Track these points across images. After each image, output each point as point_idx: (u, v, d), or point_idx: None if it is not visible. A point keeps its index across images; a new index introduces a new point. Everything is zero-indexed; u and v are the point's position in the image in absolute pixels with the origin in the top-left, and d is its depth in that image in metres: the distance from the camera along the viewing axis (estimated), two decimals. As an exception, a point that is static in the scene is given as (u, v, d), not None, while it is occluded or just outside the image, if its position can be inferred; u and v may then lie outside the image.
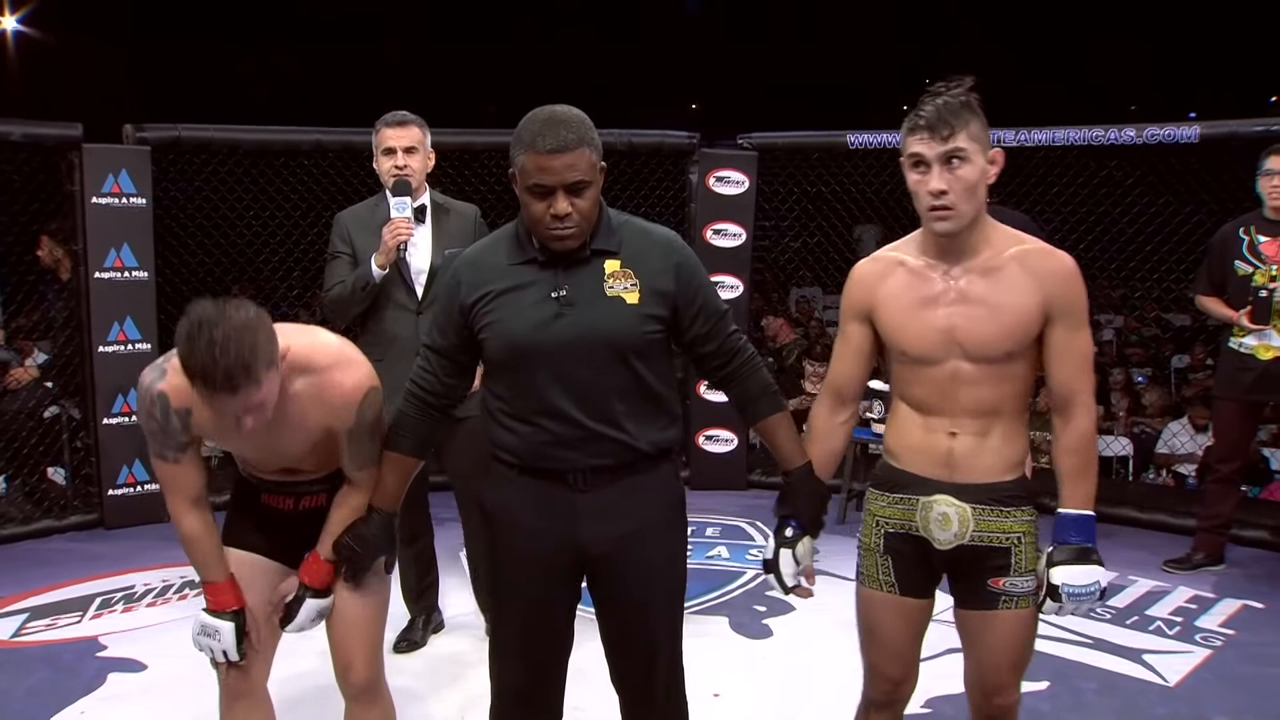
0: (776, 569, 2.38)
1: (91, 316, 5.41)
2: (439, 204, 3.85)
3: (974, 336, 2.23)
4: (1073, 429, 2.29)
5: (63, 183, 5.42)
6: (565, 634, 2.39)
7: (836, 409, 2.45)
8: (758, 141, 6.21)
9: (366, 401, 2.36)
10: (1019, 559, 2.30)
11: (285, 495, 2.52)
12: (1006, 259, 2.24)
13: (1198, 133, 5.25)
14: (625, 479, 2.27)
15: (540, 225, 2.16)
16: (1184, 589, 4.64)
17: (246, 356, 2.02)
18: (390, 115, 3.77)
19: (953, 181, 2.15)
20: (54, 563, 5.01)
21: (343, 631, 2.51)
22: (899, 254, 2.34)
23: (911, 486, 2.34)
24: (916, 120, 2.18)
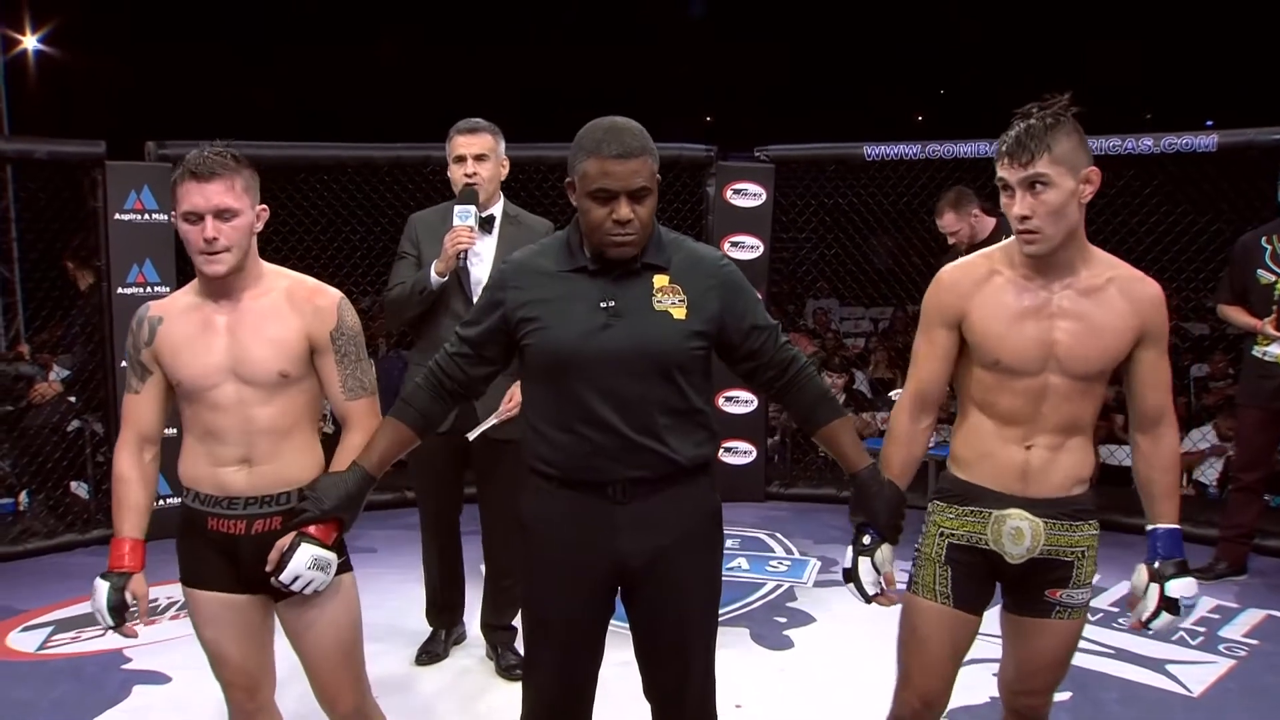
0: (856, 577, 2.35)
1: (114, 332, 5.45)
2: (510, 215, 3.79)
3: (1074, 352, 2.26)
4: (1165, 446, 2.36)
5: (85, 199, 5.48)
6: (599, 647, 2.39)
7: (919, 414, 2.44)
8: (774, 154, 6.23)
9: (344, 305, 2.42)
10: (1080, 572, 2.34)
11: (235, 519, 2.37)
12: (1104, 281, 2.28)
13: (1215, 141, 5.24)
14: (664, 491, 2.27)
15: (600, 231, 2.17)
16: (1206, 599, 4.60)
17: (229, 162, 2.27)
18: (463, 122, 3.74)
19: (1036, 206, 2.18)
20: (77, 576, 5.04)
21: (318, 665, 2.45)
22: (992, 263, 2.36)
23: (983, 500, 2.34)
24: (1002, 144, 2.22)
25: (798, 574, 5.02)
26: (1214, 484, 6.66)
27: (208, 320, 2.36)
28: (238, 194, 2.29)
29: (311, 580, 2.28)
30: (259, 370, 2.34)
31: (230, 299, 2.37)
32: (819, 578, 4.97)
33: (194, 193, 2.26)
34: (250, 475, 2.37)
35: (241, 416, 2.35)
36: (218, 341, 2.35)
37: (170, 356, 2.37)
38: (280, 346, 2.35)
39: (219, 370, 2.34)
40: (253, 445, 2.36)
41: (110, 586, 2.36)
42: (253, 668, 2.46)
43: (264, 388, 2.35)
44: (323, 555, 2.28)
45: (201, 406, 2.36)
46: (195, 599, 2.43)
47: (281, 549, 2.28)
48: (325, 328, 2.39)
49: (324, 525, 2.30)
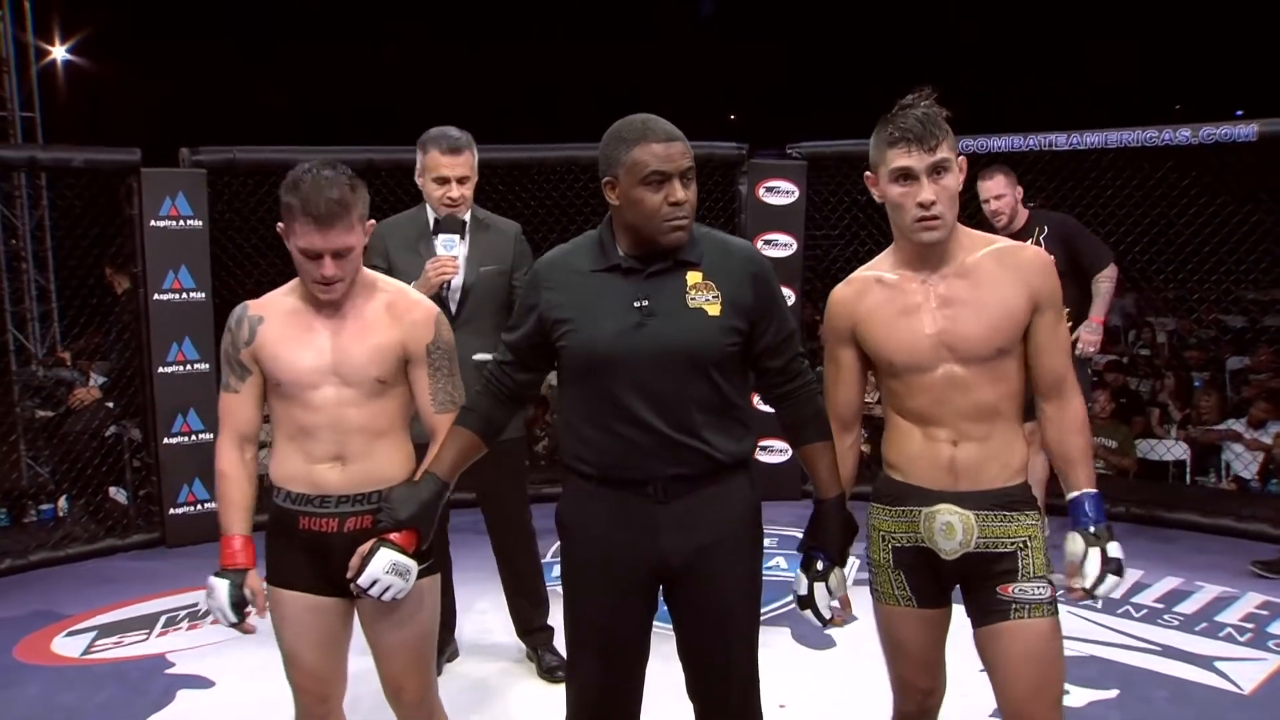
0: (812, 603, 2.36)
1: (151, 338, 5.49)
2: (479, 219, 3.71)
3: (962, 338, 2.23)
4: (1071, 412, 2.31)
5: (121, 207, 5.53)
6: (643, 646, 2.38)
7: (843, 434, 2.43)
8: (806, 151, 6.20)
9: (441, 322, 2.47)
10: (1027, 564, 2.26)
11: (328, 517, 2.40)
12: (981, 258, 2.26)
13: (1255, 131, 5.17)
14: (705, 489, 2.26)
15: (658, 218, 2.18)
16: (1253, 594, 4.55)
17: (346, 196, 2.27)
18: (442, 138, 3.56)
19: (939, 191, 2.19)
20: (119, 580, 5.09)
21: (388, 657, 2.49)
22: (873, 271, 2.36)
23: (913, 498, 2.32)
24: (901, 133, 2.19)
25: (837, 573, 4.97)
26: (1255, 478, 6.58)
27: (310, 324, 2.40)
28: (354, 230, 2.32)
29: (390, 585, 2.29)
30: (358, 374, 2.38)
31: (334, 306, 2.41)
32: (858, 575, 4.90)
33: (313, 235, 2.28)
34: (344, 473, 2.40)
35: (336, 416, 2.39)
36: (320, 344, 2.39)
37: (271, 357, 2.40)
38: (379, 354, 2.40)
39: (319, 372, 2.38)
40: (346, 444, 2.39)
41: (230, 584, 2.37)
42: (326, 674, 2.48)
43: (361, 390, 2.39)
44: (402, 561, 2.29)
45: (296, 406, 2.40)
46: (279, 599, 2.44)
47: (363, 554, 2.30)
48: (423, 340, 2.44)
49: (405, 533, 2.30)
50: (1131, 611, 4.33)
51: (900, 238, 2.30)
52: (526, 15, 19.10)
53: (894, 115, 2.22)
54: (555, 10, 19.22)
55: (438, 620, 2.56)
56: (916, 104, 2.22)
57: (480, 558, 3.92)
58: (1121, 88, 17.46)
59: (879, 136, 2.24)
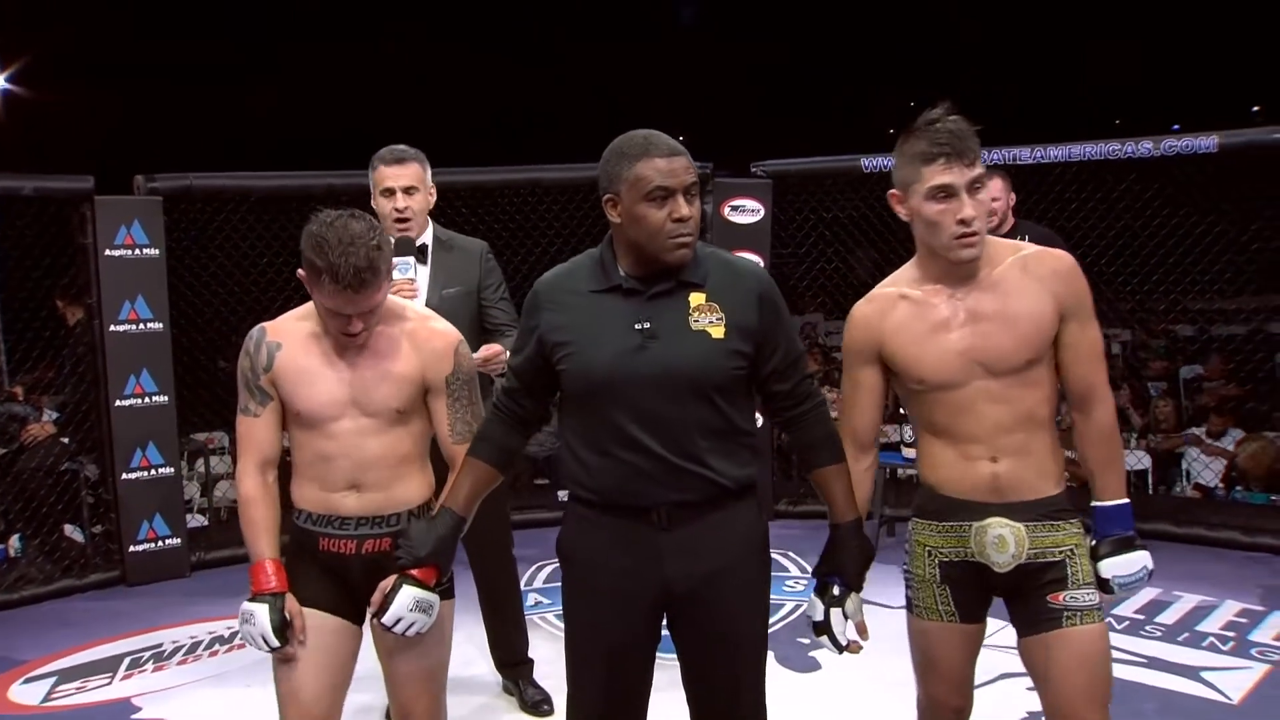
0: (828, 629, 2.30)
1: (108, 370, 5.34)
2: (441, 240, 3.61)
3: (993, 352, 2.20)
4: (1096, 421, 2.28)
5: (74, 236, 5.37)
6: (646, 676, 2.31)
7: (859, 456, 2.38)
8: (771, 169, 6.18)
9: (461, 351, 2.45)
10: (1075, 571, 2.23)
11: (346, 539, 2.41)
12: (1007, 268, 2.23)
13: (1216, 143, 5.22)
14: (709, 516, 2.20)
15: (662, 235, 2.11)
16: (1231, 602, 4.56)
17: (374, 257, 2.23)
18: (387, 152, 3.51)
19: (978, 207, 2.15)
20: (78, 623, 4.91)
21: (400, 685, 2.46)
22: (896, 288, 2.32)
23: (961, 513, 2.28)
24: (939, 149, 2.13)
25: (815, 593, 4.92)
26: (1220, 485, 6.62)
27: (328, 354, 2.39)
28: (381, 288, 2.29)
29: (414, 622, 2.30)
30: (379, 406, 2.38)
31: None
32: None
33: (341, 301, 2.26)
34: (360, 499, 2.40)
35: (354, 445, 2.38)
36: (339, 375, 2.38)
37: (290, 385, 2.40)
38: (399, 384, 2.39)
39: (339, 404, 2.37)
40: (363, 473, 2.39)
41: (270, 607, 2.33)
42: (324, 696, 2.40)
43: (380, 421, 2.39)
44: (425, 597, 2.30)
45: (315, 434, 2.40)
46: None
47: (385, 590, 2.30)
48: (443, 371, 2.43)
49: (425, 569, 2.30)
50: (1114, 624, 4.32)
51: (926, 254, 2.25)
52: (490, 38, 19.06)
53: (923, 130, 2.17)
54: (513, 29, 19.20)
55: (449, 648, 2.56)
56: (943, 117, 2.17)
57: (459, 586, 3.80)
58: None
59: (908, 152, 2.18)
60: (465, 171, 6.08)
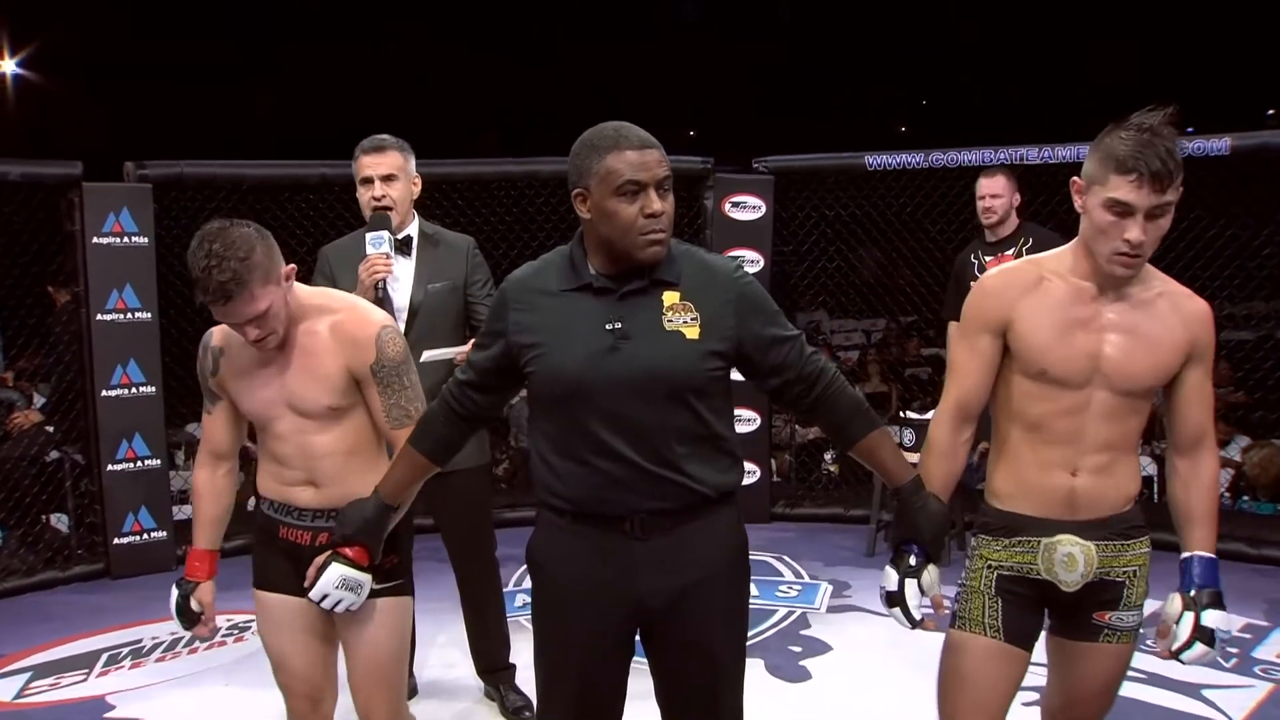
0: (902, 601, 2.20)
1: (94, 359, 5.25)
2: (427, 234, 3.54)
3: (1124, 367, 2.14)
4: (1205, 469, 2.25)
5: (62, 223, 5.29)
6: (619, 690, 2.22)
7: (961, 426, 2.29)
8: (773, 165, 6.08)
9: (384, 337, 2.42)
10: (1130, 594, 2.22)
11: (302, 530, 2.46)
12: (1155, 295, 2.17)
13: (1229, 145, 5.11)
14: (687, 525, 2.10)
15: (633, 231, 2.01)
16: (1235, 617, 4.44)
17: (239, 269, 2.20)
18: (368, 141, 3.46)
19: (1151, 231, 2.05)
20: (58, 617, 4.83)
21: (360, 678, 2.49)
22: (1040, 270, 2.22)
23: (1030, 528, 2.21)
24: (1135, 165, 1.99)
25: (810, 599, 4.83)
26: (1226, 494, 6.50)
27: (264, 358, 2.41)
28: (259, 296, 2.26)
29: (341, 599, 2.31)
30: (310, 405, 2.40)
31: (283, 339, 2.41)
32: (831, 602, 4.79)
33: (220, 312, 2.28)
34: (316, 493, 2.45)
35: (301, 444, 2.42)
36: (273, 378, 2.41)
37: (233, 389, 2.47)
38: (326, 382, 2.40)
39: (275, 404, 2.41)
40: (315, 469, 2.43)
41: (180, 593, 2.52)
42: (314, 675, 2.52)
43: (319, 419, 2.41)
44: (353, 576, 2.30)
45: (265, 434, 2.47)
46: (264, 602, 2.51)
47: (318, 565, 2.32)
48: (365, 362, 2.41)
49: (357, 548, 2.29)
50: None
51: (1085, 249, 2.15)
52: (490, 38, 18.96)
53: (1132, 135, 2.02)
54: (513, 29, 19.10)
55: (407, 645, 2.57)
56: (1160, 128, 2.02)
57: (441, 588, 3.73)
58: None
59: (1105, 151, 2.04)
60: (462, 163, 6.00)
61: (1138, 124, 2.04)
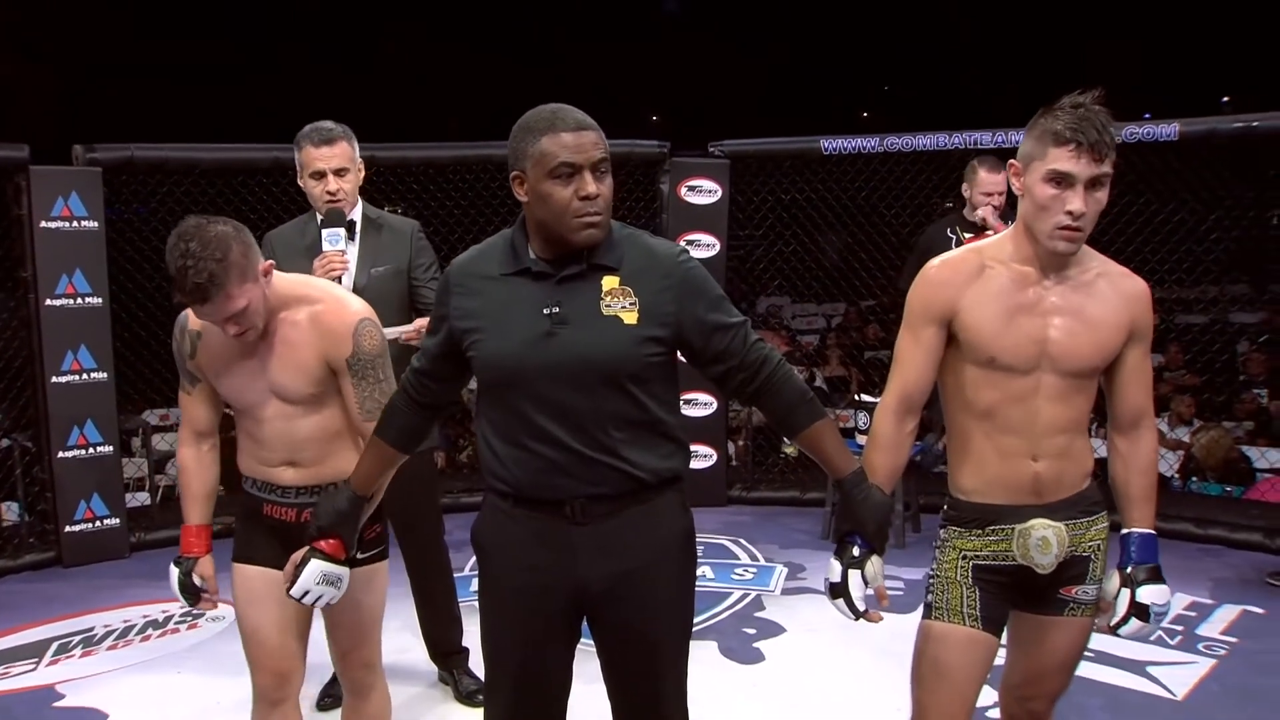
0: (845, 592, 2.20)
1: (44, 346, 5.18)
2: (371, 219, 3.50)
3: (1069, 350, 2.17)
4: (1144, 449, 2.29)
5: (9, 207, 5.20)
6: (563, 675, 2.22)
7: (905, 417, 2.30)
8: (729, 149, 6.08)
9: (362, 329, 2.44)
10: (1094, 568, 2.27)
11: (287, 506, 2.49)
12: (1094, 276, 2.20)
13: (1177, 130, 5.17)
14: (626, 510, 2.10)
15: (568, 214, 2.00)
16: (1181, 595, 4.52)
17: (215, 270, 2.20)
18: (314, 131, 3.36)
19: (1092, 205, 2.09)
20: (7, 605, 4.77)
21: (337, 627, 2.57)
22: (982, 258, 2.23)
23: (1001, 517, 2.24)
24: (1073, 134, 2.04)
25: (764, 581, 4.87)
26: (1176, 476, 6.60)
27: (244, 344, 2.40)
28: (237, 293, 2.26)
29: (322, 595, 2.33)
30: (292, 391, 2.42)
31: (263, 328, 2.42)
32: (786, 585, 4.83)
33: (198, 311, 2.29)
34: (297, 472, 2.47)
35: (284, 428, 2.44)
36: (254, 365, 2.42)
37: (212, 373, 2.48)
38: (306, 371, 2.41)
39: (258, 391, 2.43)
40: (297, 451, 2.46)
41: (180, 571, 2.56)
42: (289, 652, 2.53)
43: (302, 404, 2.43)
44: (333, 570, 2.32)
45: (246, 418, 2.48)
46: (243, 574, 2.53)
47: (295, 563, 2.31)
48: (342, 354, 2.42)
49: (332, 541, 2.30)
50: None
51: (1025, 234, 2.17)
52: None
53: (1065, 110, 2.07)
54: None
55: (384, 601, 2.63)
56: (1090, 105, 2.07)
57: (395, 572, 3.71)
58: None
59: (1042, 129, 2.09)
60: (418, 147, 5.97)
61: (1071, 103, 2.09)
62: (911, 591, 4.41)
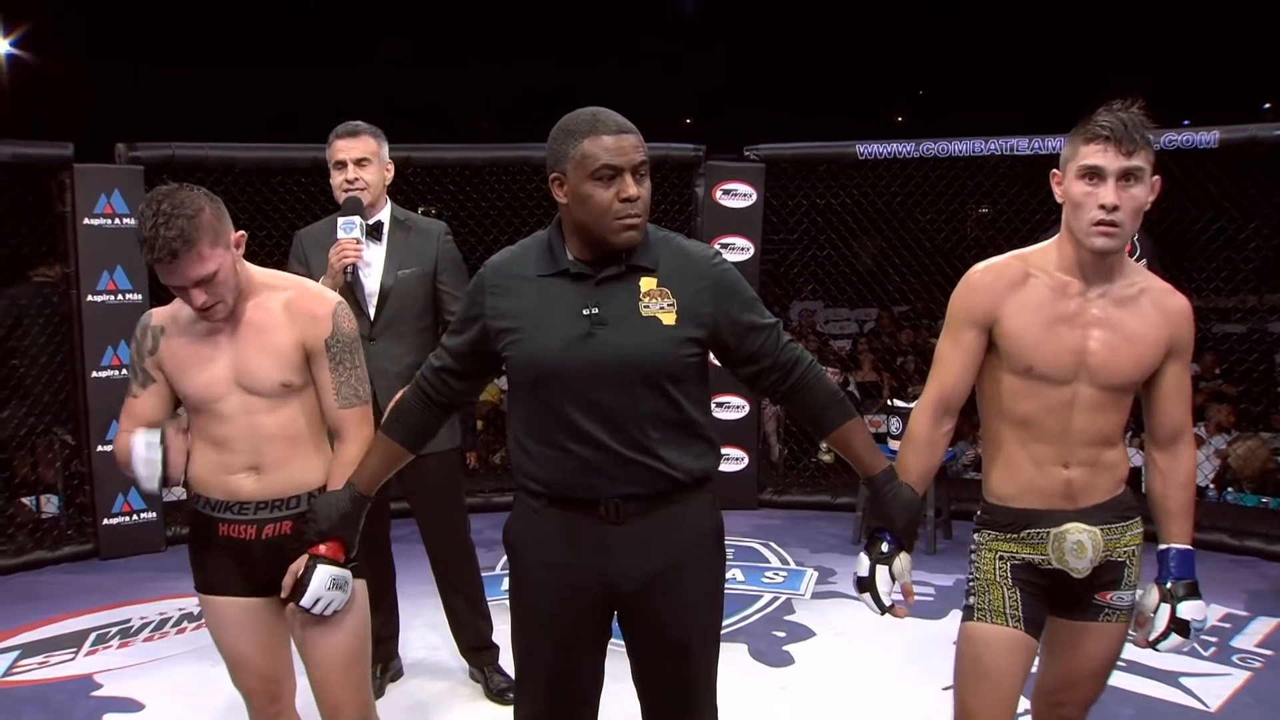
0: (872, 587, 2.23)
1: (84, 341, 5.26)
2: (399, 220, 3.54)
3: (1108, 363, 2.19)
4: (1183, 464, 2.31)
5: (53, 204, 5.29)
6: (594, 673, 2.24)
7: (942, 419, 2.33)
8: (765, 153, 6.08)
9: (340, 312, 2.41)
10: (1129, 574, 2.28)
11: (245, 524, 2.38)
12: (1137, 291, 2.22)
13: (1217, 138, 5.13)
14: (660, 510, 2.12)
15: (607, 216, 2.02)
16: (1216, 607, 4.48)
17: (186, 229, 2.16)
18: (341, 126, 3.47)
19: (1126, 199, 2.11)
20: (47, 596, 4.85)
21: (324, 673, 2.43)
22: (1026, 265, 2.25)
23: (1036, 521, 2.26)
24: (1098, 131, 2.11)
25: (795, 585, 4.87)
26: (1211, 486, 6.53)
27: (210, 334, 2.36)
28: (208, 257, 2.22)
29: (331, 600, 2.29)
30: (261, 381, 2.34)
31: (231, 313, 2.35)
32: (816, 589, 4.83)
33: (163, 271, 2.23)
34: (259, 481, 2.37)
35: (248, 425, 2.35)
36: (221, 355, 2.35)
37: (174, 370, 2.38)
38: (280, 357, 2.35)
39: (223, 382, 2.34)
40: (261, 453, 2.36)
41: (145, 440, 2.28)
42: (274, 672, 2.47)
43: (268, 397, 2.35)
44: (339, 574, 2.29)
45: (208, 417, 2.37)
46: (212, 606, 2.45)
47: (296, 573, 2.28)
48: (320, 335, 2.38)
49: (333, 543, 2.28)
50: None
51: (1068, 240, 2.20)
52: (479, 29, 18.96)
53: (1099, 114, 2.14)
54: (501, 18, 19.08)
55: (369, 628, 2.50)
56: (1125, 107, 2.14)
57: (424, 570, 3.75)
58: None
59: (1075, 133, 2.16)
60: (453, 148, 6.00)
61: (1103, 107, 2.14)
62: (941, 598, 4.41)
